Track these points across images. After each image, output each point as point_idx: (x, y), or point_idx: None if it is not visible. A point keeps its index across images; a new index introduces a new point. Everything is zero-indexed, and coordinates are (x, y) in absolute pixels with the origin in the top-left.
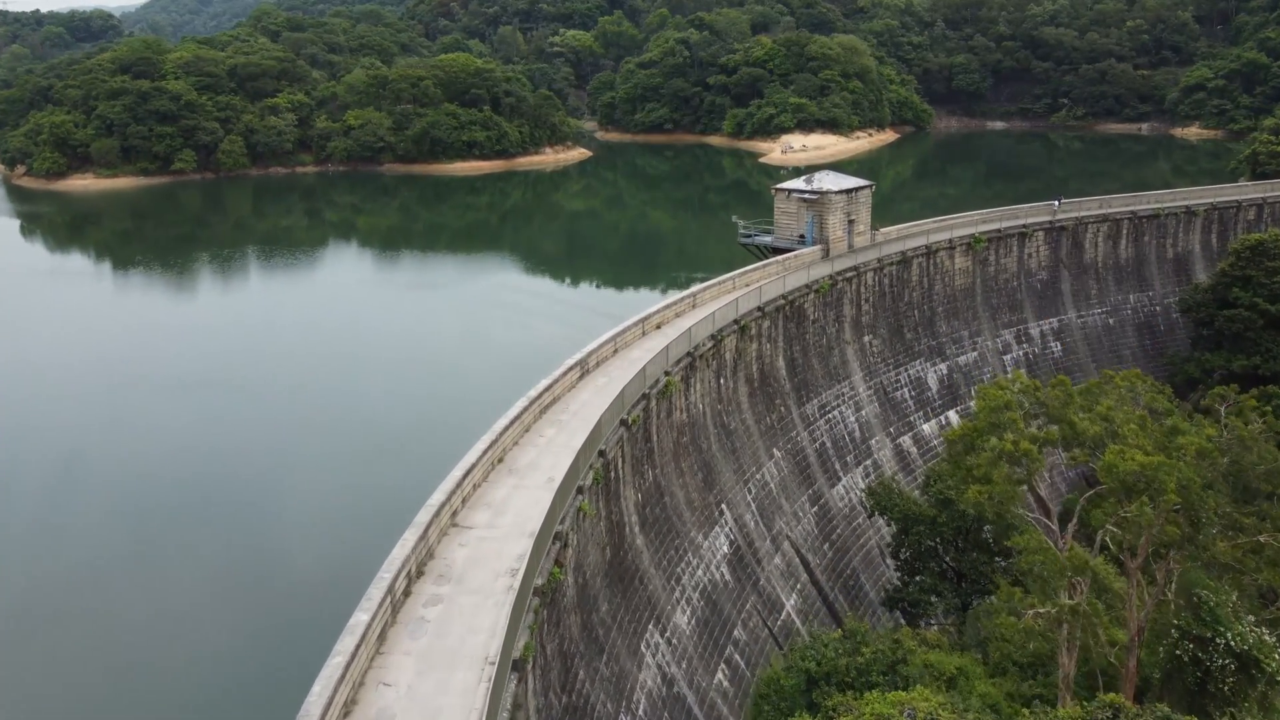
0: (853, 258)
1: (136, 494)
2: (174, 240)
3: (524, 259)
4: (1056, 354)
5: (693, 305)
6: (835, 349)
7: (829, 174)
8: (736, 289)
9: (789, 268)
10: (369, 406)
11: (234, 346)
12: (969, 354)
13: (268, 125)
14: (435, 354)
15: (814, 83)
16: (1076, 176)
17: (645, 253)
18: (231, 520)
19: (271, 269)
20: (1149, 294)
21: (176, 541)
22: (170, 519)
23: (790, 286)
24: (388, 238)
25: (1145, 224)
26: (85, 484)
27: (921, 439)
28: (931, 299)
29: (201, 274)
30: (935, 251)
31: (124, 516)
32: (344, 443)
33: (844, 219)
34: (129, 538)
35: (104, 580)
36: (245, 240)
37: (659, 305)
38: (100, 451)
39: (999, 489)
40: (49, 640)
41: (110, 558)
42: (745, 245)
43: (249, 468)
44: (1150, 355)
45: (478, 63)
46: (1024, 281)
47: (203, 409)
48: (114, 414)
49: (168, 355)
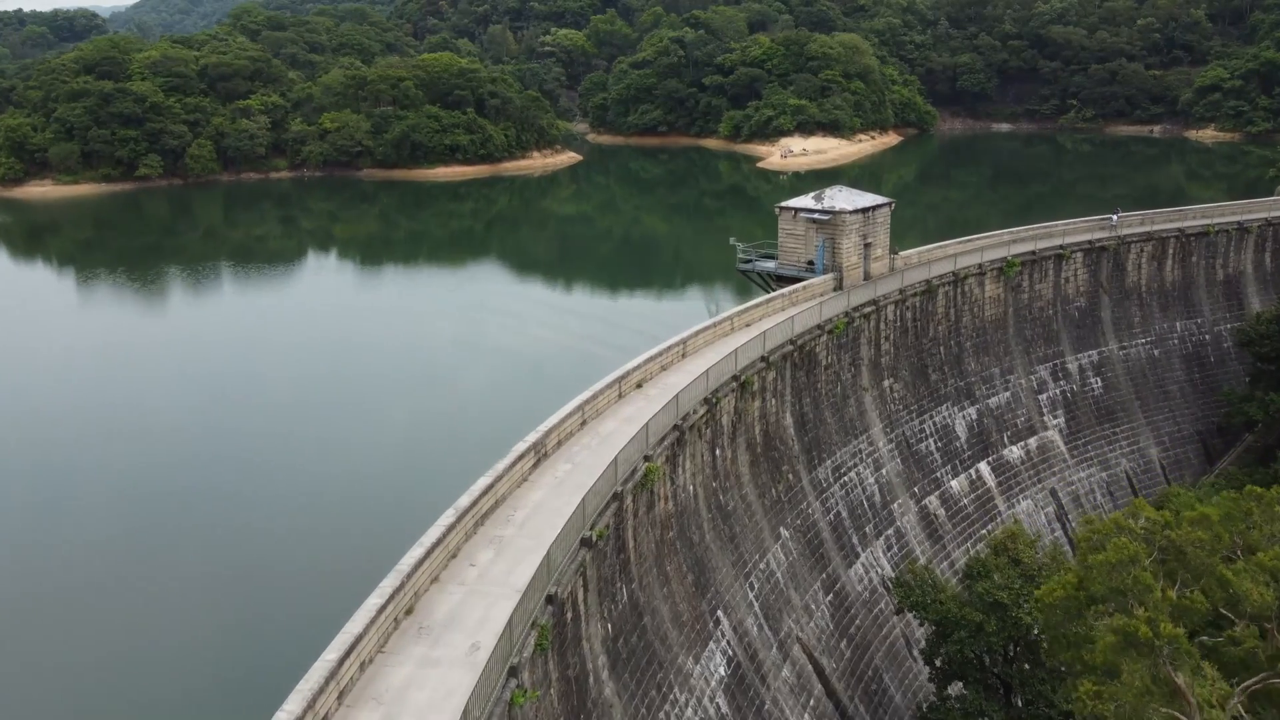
0: (870, 288)
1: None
2: (140, 251)
3: (511, 270)
4: (1097, 391)
5: (682, 354)
6: (851, 398)
7: (841, 190)
8: (735, 330)
9: (796, 301)
10: (311, 470)
11: (185, 377)
12: (1000, 395)
13: (239, 128)
14: (404, 397)
15: (814, 83)
16: (1086, 180)
17: (640, 261)
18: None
19: (241, 284)
20: (1197, 321)
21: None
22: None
23: (799, 329)
24: (367, 248)
25: (1193, 243)
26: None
27: (949, 498)
28: (959, 333)
29: (167, 289)
30: (964, 279)
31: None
32: (269, 521)
33: (859, 243)
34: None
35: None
36: (216, 251)
37: (641, 358)
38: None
39: (1130, 693)
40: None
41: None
42: (745, 273)
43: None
44: (1200, 391)
45: (461, 62)
46: (1060, 309)
47: (122, 463)
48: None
49: (104, 390)
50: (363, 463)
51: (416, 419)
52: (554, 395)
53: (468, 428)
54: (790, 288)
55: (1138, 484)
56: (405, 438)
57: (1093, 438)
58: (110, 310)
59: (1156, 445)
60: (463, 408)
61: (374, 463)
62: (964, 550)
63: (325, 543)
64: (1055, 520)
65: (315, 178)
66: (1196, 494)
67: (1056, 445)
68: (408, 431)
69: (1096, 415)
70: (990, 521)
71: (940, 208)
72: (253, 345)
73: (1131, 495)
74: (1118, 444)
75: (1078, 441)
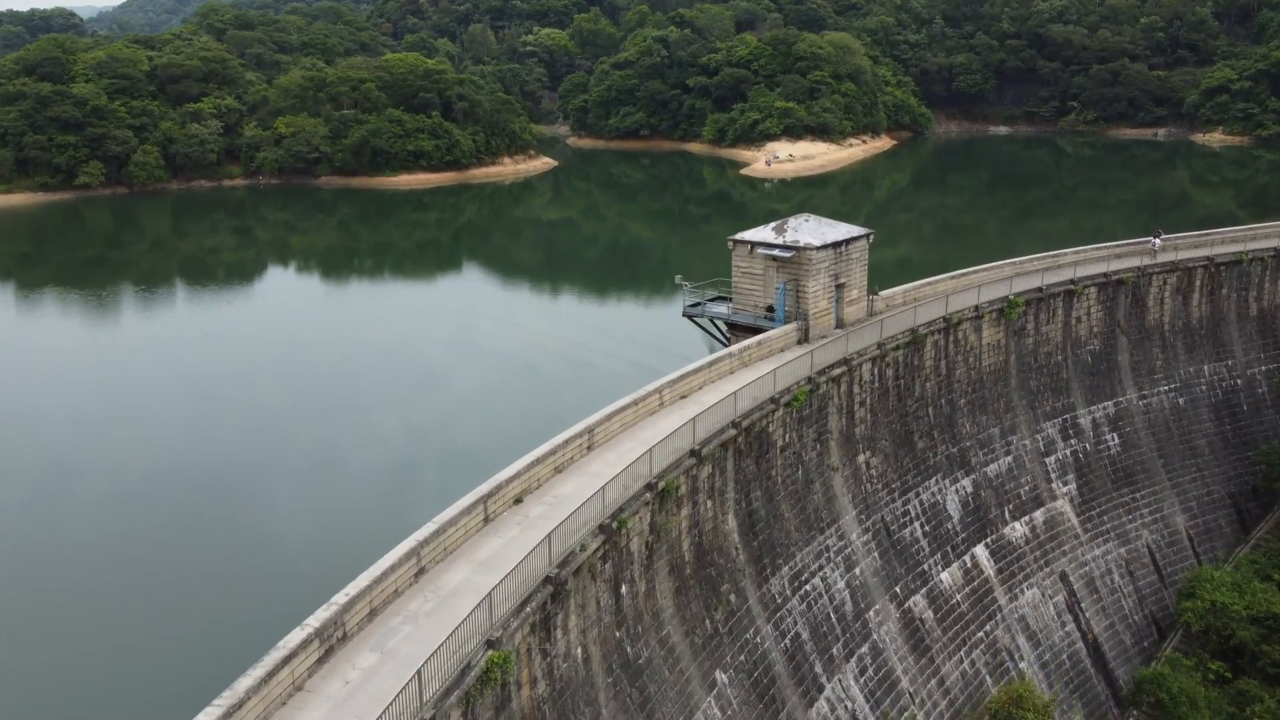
0: (843, 342)
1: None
2: (83, 264)
3: (482, 286)
4: (1113, 449)
5: (588, 446)
6: (816, 482)
7: (808, 220)
8: (665, 405)
9: (749, 361)
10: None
11: (106, 420)
12: (1001, 460)
13: (188, 133)
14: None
15: (802, 85)
16: (1088, 185)
17: (623, 271)
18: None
19: (190, 301)
20: (1228, 363)
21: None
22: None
23: (747, 404)
24: (327, 260)
25: (1223, 273)
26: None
27: (939, 595)
28: (951, 389)
29: (113, 305)
30: (957, 324)
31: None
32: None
33: (829, 283)
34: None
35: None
36: (166, 264)
37: (528, 459)
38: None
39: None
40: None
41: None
42: (693, 320)
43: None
44: (1233, 446)
45: (428, 63)
46: (1070, 355)
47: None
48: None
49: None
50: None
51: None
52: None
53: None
54: (741, 344)
55: (1161, 560)
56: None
57: (1109, 506)
58: (52, 327)
59: (1183, 512)
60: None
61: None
62: (955, 662)
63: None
64: (1066, 611)
65: (271, 185)
66: (1231, 575)
67: (1067, 518)
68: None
69: (1113, 479)
70: (988, 621)
71: (936, 213)
72: (195, 368)
73: (1155, 574)
74: (1138, 512)
75: (1091, 512)
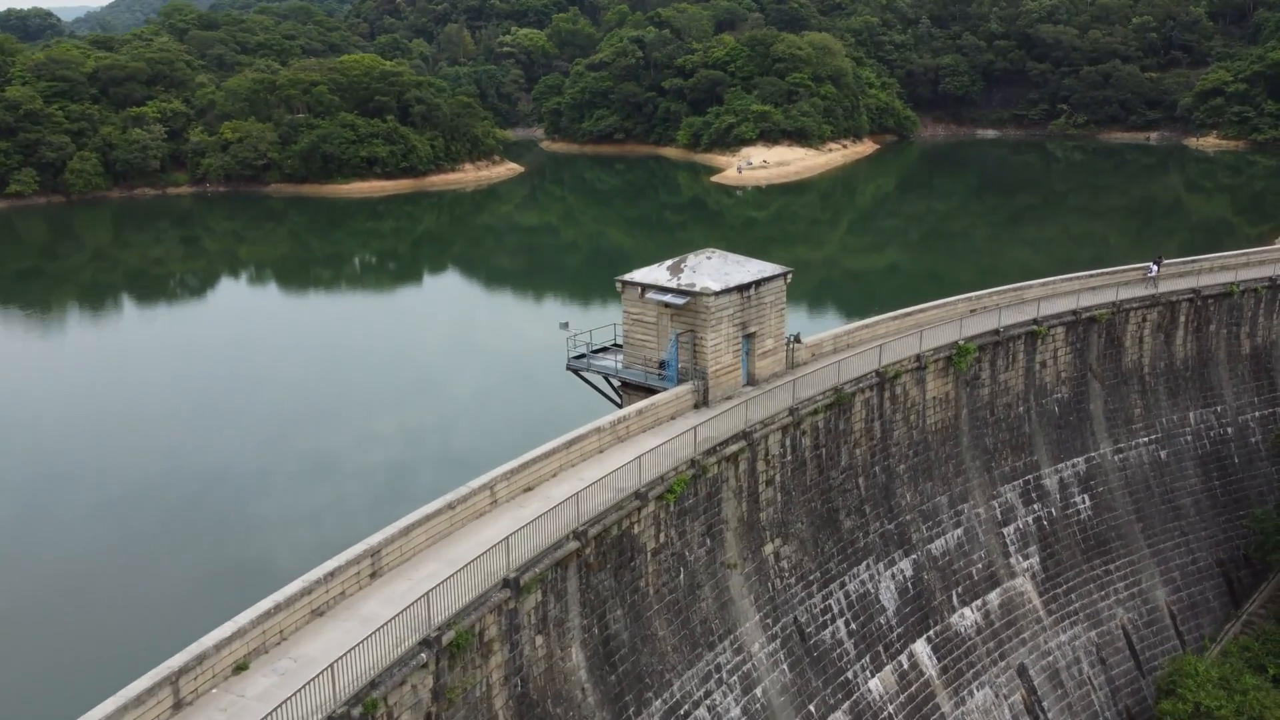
0: (749, 406)
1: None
2: (16, 277)
3: (440, 300)
4: (1084, 514)
5: (372, 573)
6: (705, 586)
7: (712, 257)
8: (500, 505)
9: (625, 434)
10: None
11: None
12: (949, 534)
13: (129, 139)
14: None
15: (780, 87)
16: (1078, 190)
17: (600, 283)
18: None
19: (131, 313)
20: (1216, 409)
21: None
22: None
23: (599, 505)
24: (281, 271)
25: (1211, 306)
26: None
27: (866, 709)
28: (888, 454)
29: (54, 319)
30: (893, 377)
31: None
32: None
33: (735, 334)
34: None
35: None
36: (108, 275)
37: (267, 603)
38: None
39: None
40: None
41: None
42: (580, 376)
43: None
44: (1222, 505)
45: (385, 65)
46: (1034, 405)
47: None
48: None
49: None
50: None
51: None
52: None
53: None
54: (616, 414)
55: (1139, 643)
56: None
57: (1078, 581)
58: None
59: (1164, 584)
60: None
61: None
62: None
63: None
64: (1025, 714)
65: (218, 193)
66: (1219, 668)
67: (1027, 599)
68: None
69: (1083, 549)
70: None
71: (923, 219)
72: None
73: (1131, 661)
74: (1112, 587)
75: (1057, 590)
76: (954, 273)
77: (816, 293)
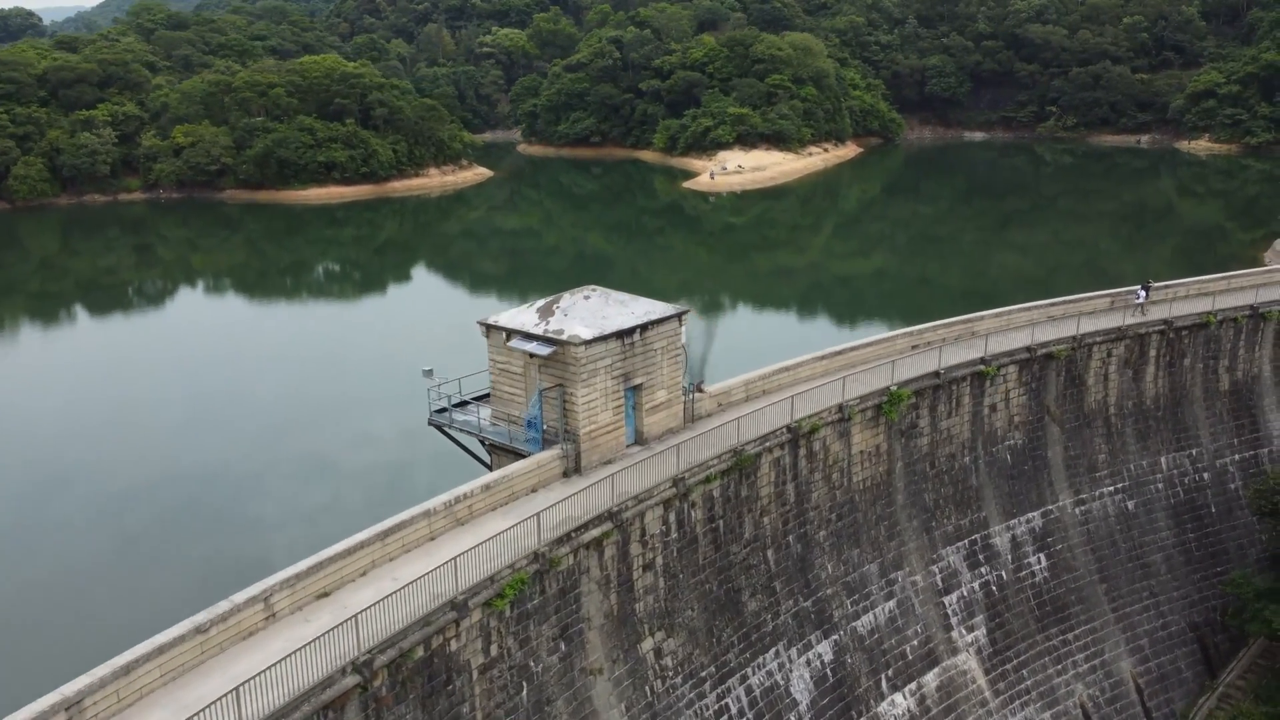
0: (620, 477)
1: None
2: None
3: (405, 308)
4: (1039, 576)
5: None
6: (558, 701)
7: (590, 297)
8: (278, 620)
9: (466, 515)
10: None
11: None
12: (879, 608)
13: (77, 144)
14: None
15: (759, 89)
16: (1068, 194)
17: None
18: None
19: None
20: (1191, 453)
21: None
22: None
23: (411, 614)
24: (240, 280)
25: (1186, 339)
26: None
27: None
28: (804, 520)
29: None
30: (809, 432)
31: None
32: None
33: (615, 389)
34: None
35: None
36: (57, 285)
37: None
38: None
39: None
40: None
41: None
42: (444, 432)
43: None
44: (1197, 560)
45: (346, 66)
46: (982, 454)
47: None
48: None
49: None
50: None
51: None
52: None
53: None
54: (455, 491)
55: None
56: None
57: (1030, 655)
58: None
59: (1130, 653)
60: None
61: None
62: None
63: None
64: None
65: (172, 200)
66: None
67: (971, 678)
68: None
69: (1038, 616)
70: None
71: (910, 224)
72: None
73: None
74: (1070, 660)
75: (1006, 666)
76: (943, 278)
77: (802, 300)
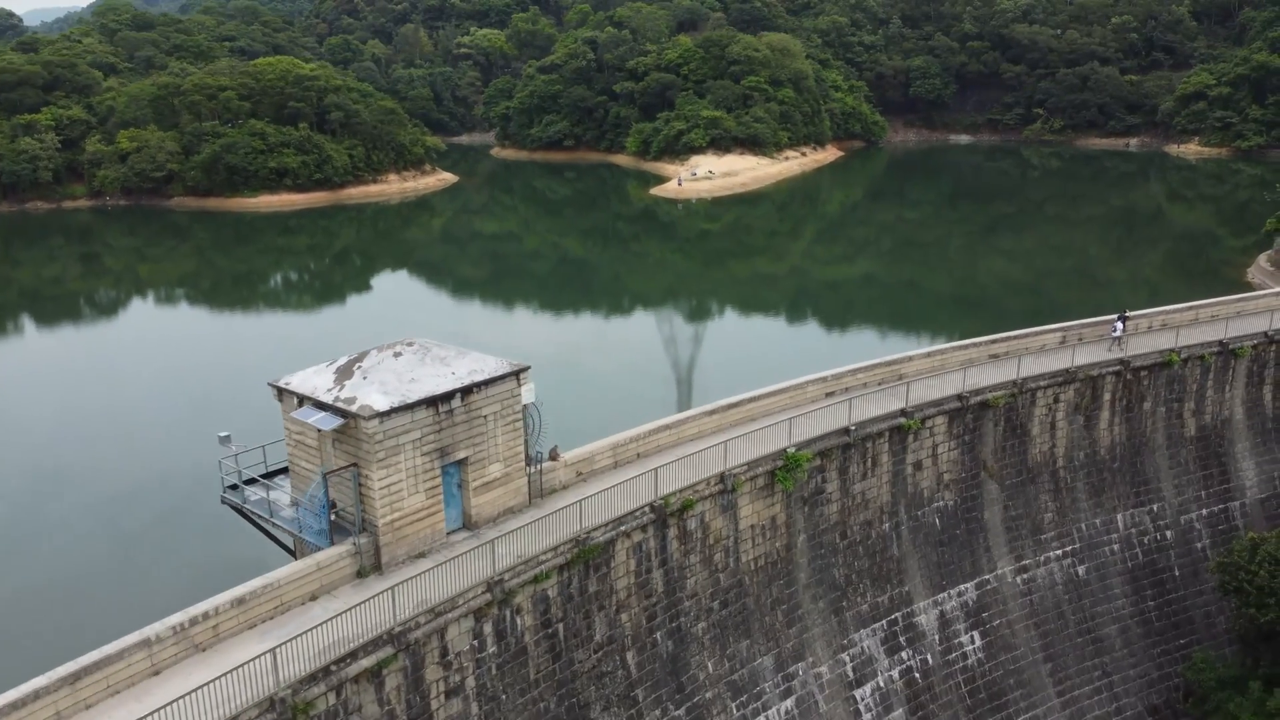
0: (440, 573)
1: None
2: None
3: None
4: (972, 658)
5: None
6: None
7: (404, 352)
8: None
9: (206, 641)
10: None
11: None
12: (774, 708)
13: (17, 149)
14: None
15: (734, 91)
16: (1055, 199)
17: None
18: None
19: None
20: (1152, 509)
21: None
22: None
23: None
24: (192, 291)
25: (1145, 380)
26: None
27: None
28: (676, 613)
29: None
30: (678, 511)
31: None
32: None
33: (428, 467)
34: None
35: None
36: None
37: None
38: None
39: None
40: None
41: None
42: (240, 513)
43: None
44: (1158, 633)
45: (303, 68)
46: (905, 520)
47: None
48: None
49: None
50: None
51: None
52: None
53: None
54: (199, 606)
55: None
56: None
57: None
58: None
59: None
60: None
61: None
62: None
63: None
64: None
65: (119, 207)
66: None
67: None
68: None
69: (969, 706)
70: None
71: (895, 228)
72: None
73: None
74: None
75: None
76: (930, 282)
77: (789, 310)
